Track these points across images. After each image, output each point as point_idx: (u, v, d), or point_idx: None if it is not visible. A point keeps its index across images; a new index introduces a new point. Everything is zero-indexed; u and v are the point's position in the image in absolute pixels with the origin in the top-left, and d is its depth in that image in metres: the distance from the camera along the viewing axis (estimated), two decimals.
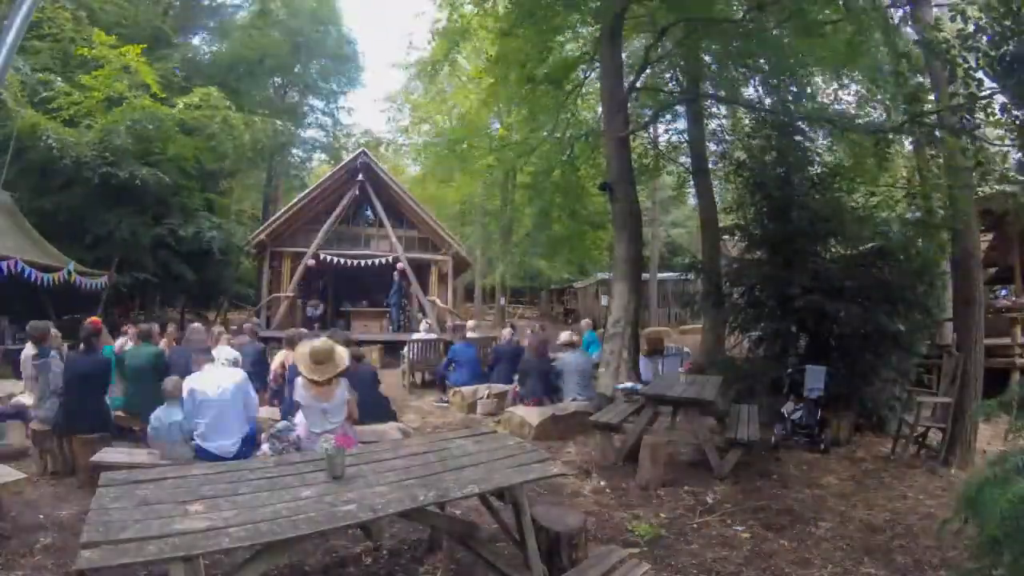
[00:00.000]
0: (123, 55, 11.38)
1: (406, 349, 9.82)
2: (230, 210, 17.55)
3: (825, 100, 10.06)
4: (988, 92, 5.46)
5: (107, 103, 11.44)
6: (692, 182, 12.35)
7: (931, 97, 6.79)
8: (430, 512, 3.07)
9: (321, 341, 4.12)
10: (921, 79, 6.79)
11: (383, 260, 15.08)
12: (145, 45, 12.11)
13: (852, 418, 6.78)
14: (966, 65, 5.31)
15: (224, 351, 4.60)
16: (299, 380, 4.09)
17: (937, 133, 6.49)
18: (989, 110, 5.54)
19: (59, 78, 11.24)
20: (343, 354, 4.15)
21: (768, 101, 9.60)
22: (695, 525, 4.19)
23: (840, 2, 7.10)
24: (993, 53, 4.96)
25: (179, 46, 17.45)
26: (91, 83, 11.18)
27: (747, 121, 10.76)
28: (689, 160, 12.36)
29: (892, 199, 7.92)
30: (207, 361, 4.56)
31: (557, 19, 9.38)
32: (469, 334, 9.79)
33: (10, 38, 3.28)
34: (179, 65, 15.13)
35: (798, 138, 8.03)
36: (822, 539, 4.03)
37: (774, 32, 8.15)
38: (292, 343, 5.93)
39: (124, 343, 6.38)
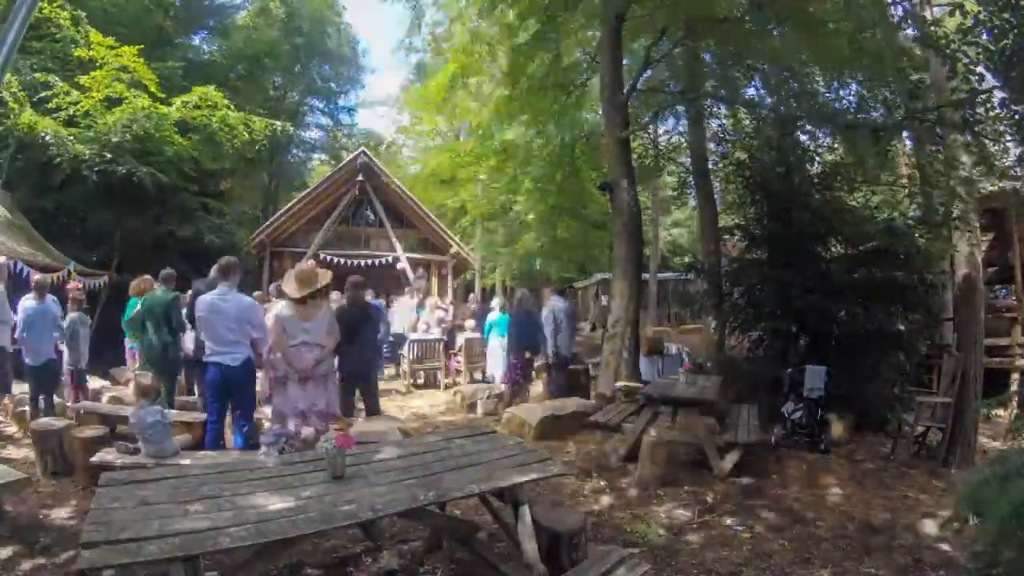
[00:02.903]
0: (119, 55, 11.37)
1: (406, 349, 9.82)
2: (230, 210, 17.51)
3: (827, 96, 10.04)
4: (988, 87, 5.45)
5: (106, 103, 11.44)
6: (692, 182, 12.34)
7: (931, 93, 6.79)
8: (430, 512, 3.07)
9: (307, 265, 4.39)
10: (921, 75, 6.79)
11: (383, 260, 15.09)
12: (142, 45, 12.09)
13: (852, 418, 6.78)
14: (966, 60, 5.30)
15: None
16: (283, 301, 4.51)
17: (937, 129, 6.48)
18: (989, 105, 5.53)
19: (58, 79, 11.22)
20: (326, 275, 4.60)
21: (768, 101, 9.58)
22: (695, 525, 4.18)
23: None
24: (993, 47, 4.95)
25: (180, 46, 17.44)
26: (90, 83, 11.17)
27: (747, 121, 10.75)
28: (689, 160, 12.35)
29: (893, 198, 7.92)
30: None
31: (560, 19, 9.38)
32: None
33: (10, 38, 3.28)
34: (180, 65, 15.10)
35: (798, 137, 8.02)
36: (822, 539, 4.03)
37: (774, 32, 8.14)
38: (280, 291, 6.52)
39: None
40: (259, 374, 5.16)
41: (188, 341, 6.31)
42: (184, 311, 6.02)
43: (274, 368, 4.62)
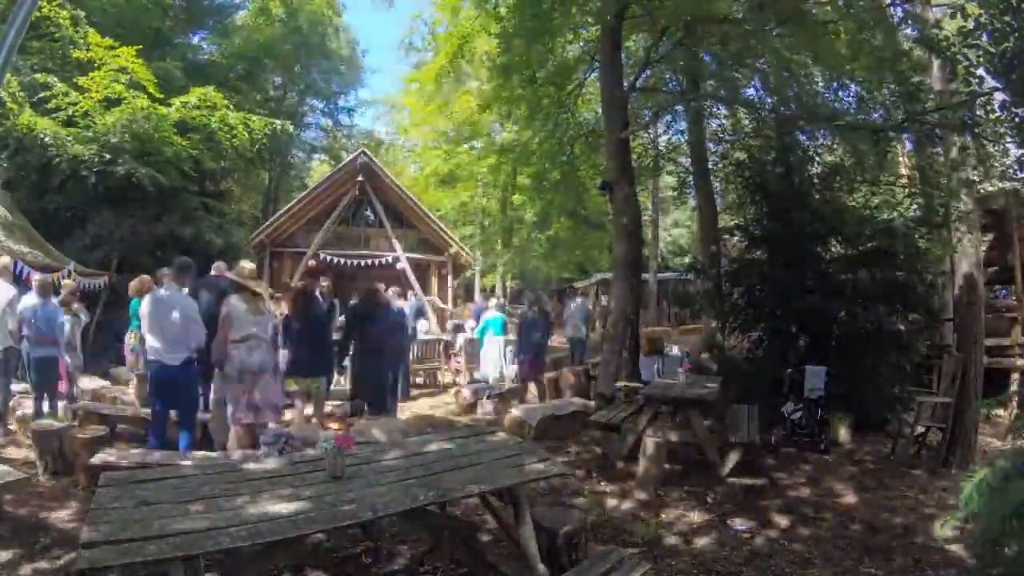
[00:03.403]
0: (118, 56, 11.37)
1: None
2: (230, 210, 17.48)
3: (826, 97, 10.05)
4: (988, 90, 5.45)
5: (105, 103, 11.43)
6: (692, 182, 12.35)
7: (931, 95, 6.79)
8: (430, 512, 3.06)
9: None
10: (921, 77, 6.79)
11: (383, 260, 15.09)
12: (141, 46, 12.08)
13: (852, 418, 6.78)
14: (966, 63, 5.30)
15: None
16: (235, 296, 4.80)
17: (937, 131, 6.48)
18: (989, 107, 5.52)
19: (57, 79, 11.21)
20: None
21: (768, 101, 9.58)
22: (695, 525, 4.19)
23: (840, 1, 7.09)
24: (993, 50, 4.95)
25: (179, 46, 17.42)
26: (89, 84, 11.17)
27: (747, 121, 10.75)
28: (689, 160, 12.36)
29: (893, 198, 7.92)
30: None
31: (557, 20, 9.37)
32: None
33: (10, 38, 3.27)
34: (179, 66, 15.08)
35: (798, 137, 8.03)
36: (822, 539, 4.03)
37: (774, 33, 8.13)
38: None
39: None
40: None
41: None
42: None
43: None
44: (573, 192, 13.24)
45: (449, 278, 16.63)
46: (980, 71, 5.39)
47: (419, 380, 9.96)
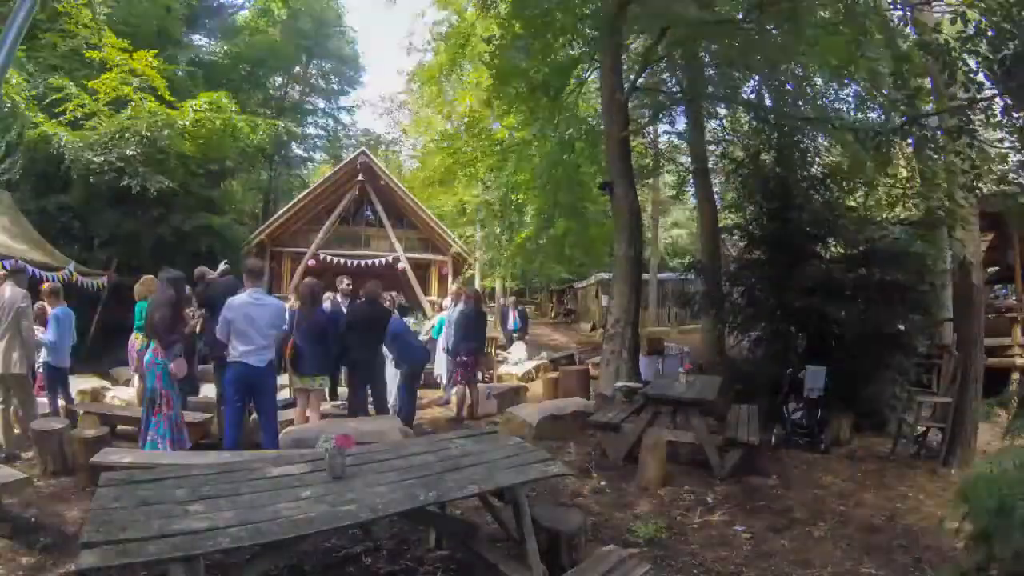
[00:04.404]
0: (131, 58, 11.41)
1: None
2: (230, 210, 17.45)
3: (825, 101, 10.05)
4: (988, 95, 5.45)
5: (113, 106, 11.46)
6: (692, 182, 12.36)
7: (931, 98, 6.79)
8: (430, 512, 3.07)
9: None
10: (920, 81, 6.78)
11: (383, 260, 15.09)
12: (156, 51, 12.14)
13: (852, 418, 6.78)
14: (966, 68, 5.30)
15: None
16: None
17: (938, 134, 6.49)
18: (990, 112, 5.52)
19: (70, 80, 11.22)
20: None
21: (768, 102, 9.59)
22: (695, 525, 4.18)
23: (840, 4, 7.08)
24: (992, 56, 4.96)
25: (185, 47, 17.42)
26: (98, 87, 11.21)
27: (746, 120, 10.76)
28: (689, 160, 12.37)
29: (892, 199, 7.93)
30: None
31: (557, 23, 9.36)
32: None
33: (10, 38, 3.28)
34: (188, 69, 15.11)
35: (798, 138, 8.03)
36: (822, 539, 4.03)
37: (774, 33, 8.12)
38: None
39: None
40: None
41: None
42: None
43: None
44: (573, 190, 13.25)
45: (449, 278, 16.62)
46: (979, 76, 5.40)
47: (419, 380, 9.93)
